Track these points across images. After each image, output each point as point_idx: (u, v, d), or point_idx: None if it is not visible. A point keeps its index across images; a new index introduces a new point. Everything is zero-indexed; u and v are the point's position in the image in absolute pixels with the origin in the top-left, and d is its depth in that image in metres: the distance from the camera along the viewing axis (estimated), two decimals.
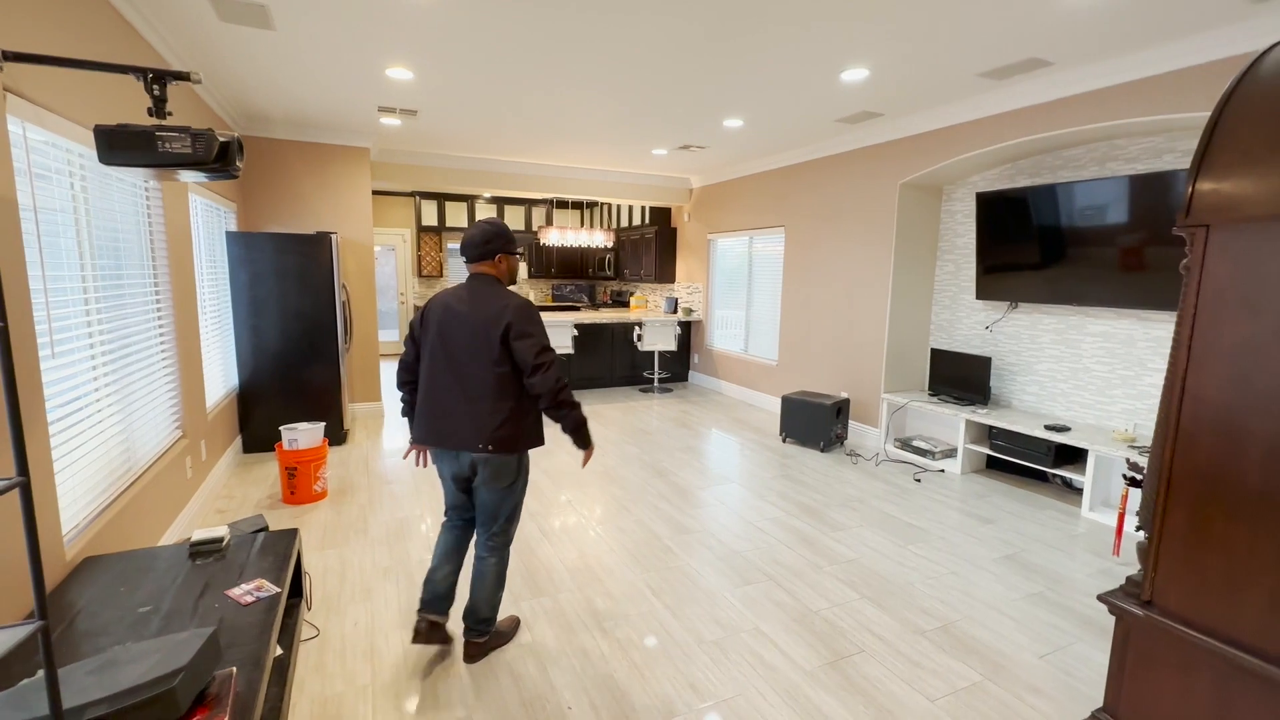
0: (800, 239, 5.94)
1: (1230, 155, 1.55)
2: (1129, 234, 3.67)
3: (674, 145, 5.74)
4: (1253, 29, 2.81)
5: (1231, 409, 1.55)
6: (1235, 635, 1.57)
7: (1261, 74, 1.57)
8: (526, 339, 2.01)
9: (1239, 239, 1.53)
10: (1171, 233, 1.68)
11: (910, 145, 4.72)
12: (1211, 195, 1.58)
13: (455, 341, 2.06)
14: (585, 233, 7.89)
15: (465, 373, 2.05)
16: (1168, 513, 1.70)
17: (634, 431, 5.48)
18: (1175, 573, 1.69)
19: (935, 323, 5.13)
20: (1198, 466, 1.62)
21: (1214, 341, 1.58)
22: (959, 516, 3.67)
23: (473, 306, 2.06)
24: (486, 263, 2.14)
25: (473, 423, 2.04)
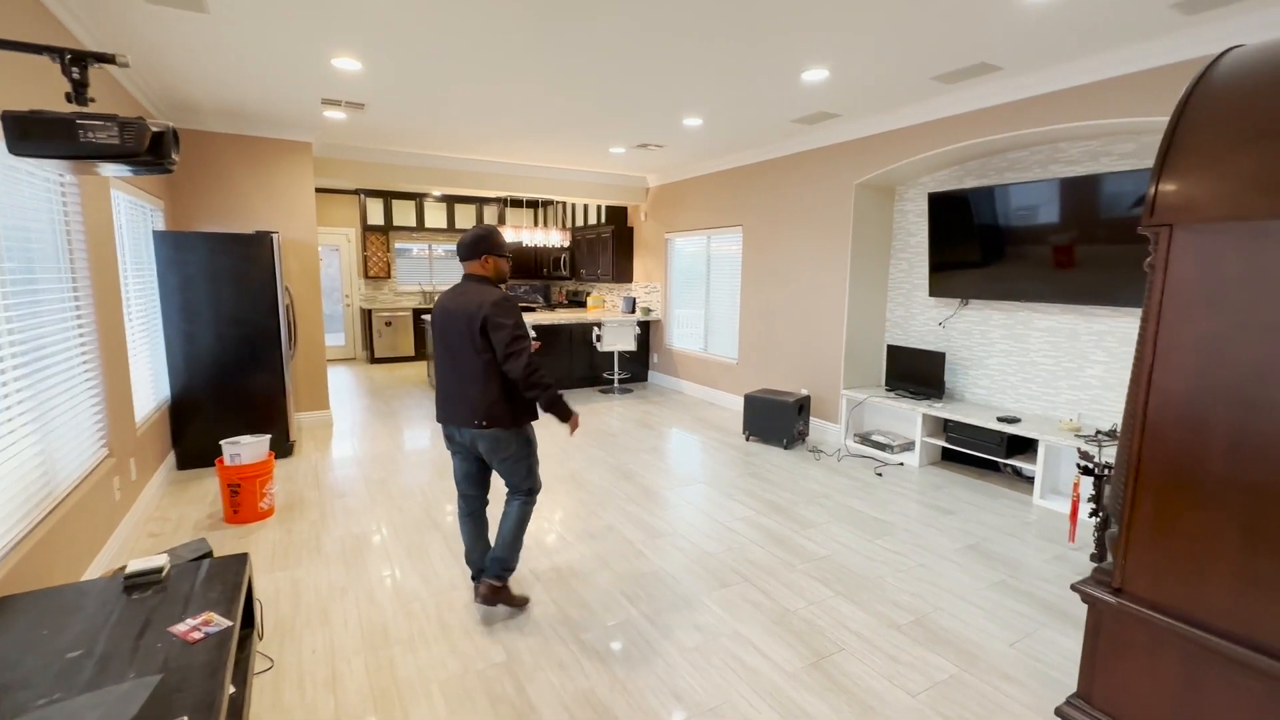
0: (758, 238, 5.99)
1: (1191, 157, 1.61)
2: (1065, 233, 3.85)
3: (632, 144, 5.68)
4: (1185, 39, 2.97)
5: (1195, 401, 1.62)
6: (1202, 617, 1.64)
7: (1217, 77, 1.64)
8: (500, 330, 2.28)
9: (1200, 238, 1.59)
10: (1106, 232, 1.72)
11: (865, 146, 4.81)
12: (1174, 196, 1.64)
13: (450, 333, 2.37)
14: (540, 232, 7.74)
15: (459, 360, 2.35)
16: (1136, 503, 1.75)
17: (597, 434, 5.40)
18: (1144, 560, 1.75)
19: (890, 319, 5.26)
20: (1164, 457, 1.68)
21: (1178, 337, 1.64)
22: (921, 509, 3.76)
23: (461, 302, 2.35)
24: (475, 263, 2.43)
25: (467, 404, 2.35)
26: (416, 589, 2.75)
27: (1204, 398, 1.60)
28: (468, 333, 2.31)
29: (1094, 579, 1.89)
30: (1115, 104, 3.35)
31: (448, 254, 10.02)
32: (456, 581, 2.81)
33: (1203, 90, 1.64)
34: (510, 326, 2.27)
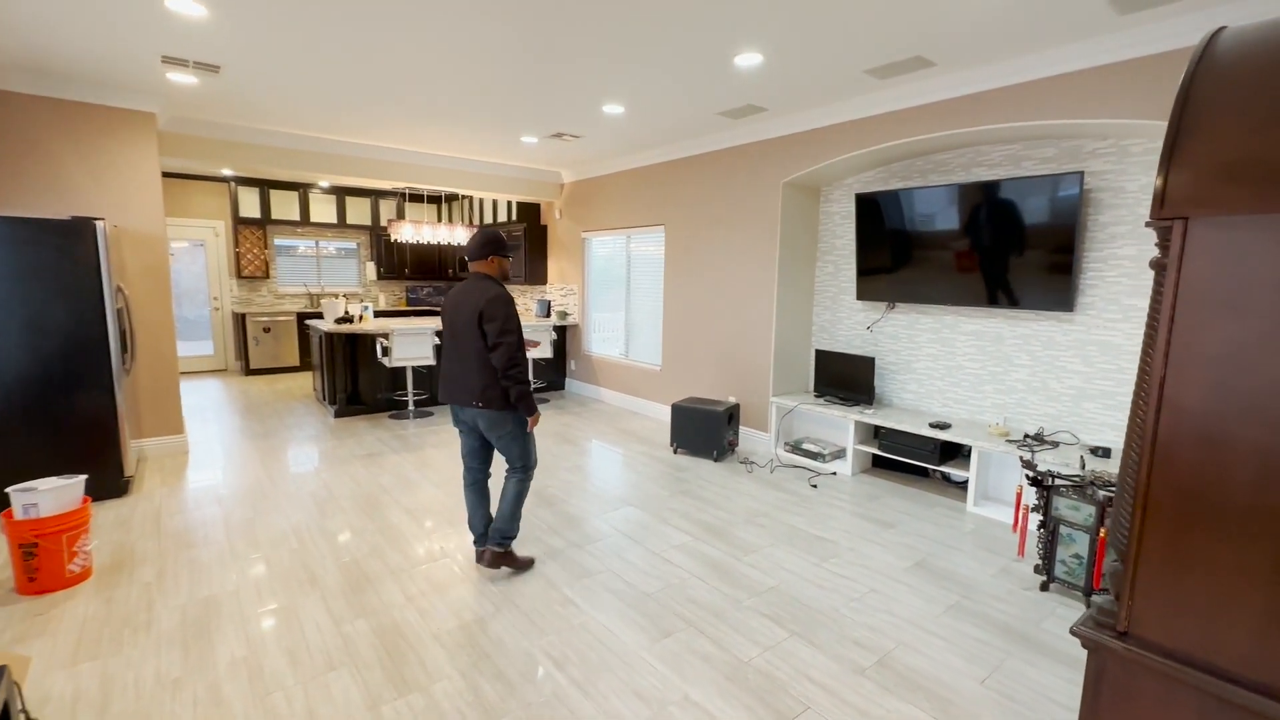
0: (681, 238, 5.70)
1: (1206, 142, 1.42)
2: (986, 237, 3.82)
3: (546, 133, 5.21)
4: (1119, 40, 2.95)
5: (1215, 417, 1.42)
6: (1222, 665, 1.45)
7: (1223, 57, 1.45)
8: (492, 322, 2.59)
9: (1221, 233, 1.39)
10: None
11: (793, 143, 4.63)
12: (1188, 185, 1.43)
13: (456, 323, 2.68)
14: (445, 229, 7.06)
15: (462, 347, 2.67)
16: (1145, 534, 1.55)
17: None
18: (1155, 600, 1.54)
19: (817, 324, 5.13)
20: (1178, 482, 1.48)
21: (1194, 345, 1.44)
22: (862, 523, 3.57)
23: (466, 297, 2.67)
24: (482, 262, 2.73)
25: (466, 385, 2.67)
26: (280, 674, 2.15)
27: (1225, 415, 1.40)
28: (470, 324, 2.62)
29: (1094, 620, 1.67)
30: (1045, 106, 3.32)
31: (340, 252, 9.03)
32: (335, 657, 2.24)
33: (1209, 70, 1.45)
34: (500, 320, 2.58)
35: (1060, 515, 2.75)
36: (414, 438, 5.20)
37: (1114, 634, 1.59)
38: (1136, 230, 3.39)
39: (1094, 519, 2.63)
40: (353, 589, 2.72)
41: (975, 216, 3.90)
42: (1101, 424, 3.60)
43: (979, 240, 3.90)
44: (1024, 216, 3.68)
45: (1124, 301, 3.47)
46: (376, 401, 6.08)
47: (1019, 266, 3.74)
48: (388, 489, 3.96)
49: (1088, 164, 3.53)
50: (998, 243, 3.81)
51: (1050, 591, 2.82)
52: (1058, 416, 3.78)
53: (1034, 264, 3.68)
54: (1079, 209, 3.45)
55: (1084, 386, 3.65)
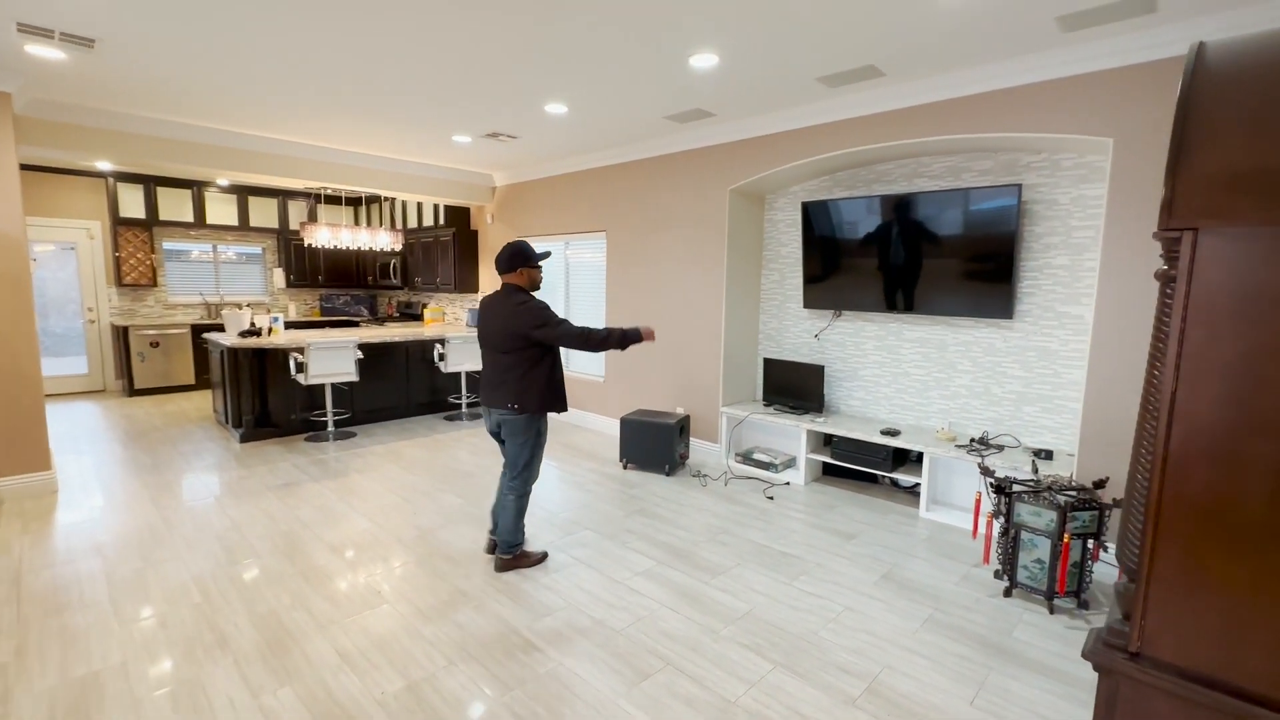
0: (624, 245, 5.53)
1: (1215, 152, 1.39)
2: (930, 245, 3.90)
3: (481, 132, 4.89)
4: (1061, 57, 3.05)
5: (1229, 433, 1.39)
6: (1240, 684, 1.42)
7: (1219, 69, 1.44)
8: (543, 329, 2.76)
9: (1234, 244, 1.37)
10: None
11: (740, 150, 4.58)
12: (1199, 195, 1.40)
13: (488, 333, 2.86)
14: (365, 233, 6.53)
15: (495, 355, 2.85)
16: (1157, 553, 1.51)
17: (449, 475, 4.50)
18: (1169, 619, 1.50)
19: (764, 332, 5.10)
20: (1191, 498, 1.45)
21: (1207, 358, 1.41)
22: (823, 535, 3.51)
23: (496, 308, 2.84)
24: (512, 275, 2.88)
25: (499, 390, 2.83)
26: None
27: (1238, 428, 1.38)
28: (502, 334, 2.81)
29: (1104, 642, 1.63)
30: (988, 119, 3.40)
31: (242, 258, 8.20)
32: None
33: (1207, 81, 1.43)
34: (550, 324, 2.78)
35: (1022, 521, 2.78)
36: (336, 462, 4.71)
37: (1126, 655, 1.54)
38: (1068, 241, 3.54)
39: (1055, 524, 2.67)
40: (273, 650, 2.33)
41: (919, 226, 3.97)
42: (1041, 427, 3.73)
43: (923, 249, 3.97)
44: (966, 227, 3.77)
45: (1058, 309, 3.62)
46: (290, 423, 5.49)
47: (961, 275, 3.84)
48: (309, 524, 3.52)
49: (1023, 177, 3.67)
50: (941, 252, 3.90)
51: (1013, 597, 2.85)
52: (999, 420, 3.89)
53: (975, 273, 3.78)
54: (1017, 220, 3.57)
55: (1024, 391, 3.78)
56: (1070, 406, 3.61)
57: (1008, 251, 3.62)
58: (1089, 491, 2.78)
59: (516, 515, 2.98)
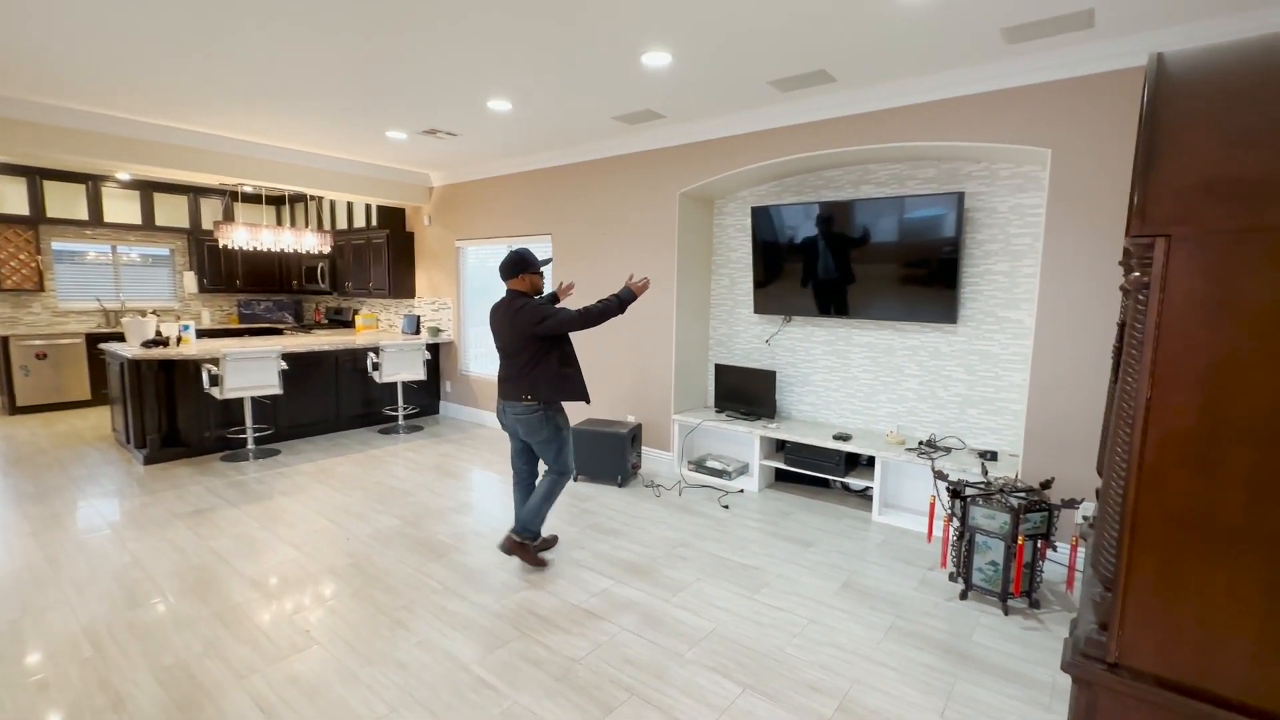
0: (571, 248, 5.36)
1: (1185, 158, 1.39)
2: (881, 252, 3.95)
3: (418, 128, 4.61)
4: (1006, 68, 3.13)
5: (1205, 440, 1.39)
6: (1218, 691, 1.42)
7: (1182, 76, 1.45)
8: (543, 323, 2.92)
9: (1206, 251, 1.37)
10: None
11: (690, 153, 4.51)
12: (1170, 201, 1.40)
13: (499, 338, 3.06)
14: (289, 233, 6.07)
15: (506, 355, 3.05)
16: (1134, 562, 1.49)
17: (385, 492, 4.19)
18: (1146, 629, 1.49)
19: (714, 338, 5.05)
20: (1168, 507, 1.44)
21: (1182, 365, 1.41)
22: (781, 544, 3.46)
23: (503, 314, 3.03)
24: (515, 280, 3.06)
25: (513, 385, 3.01)
26: None
27: (1216, 435, 1.37)
28: (509, 335, 2.98)
29: (1082, 654, 1.61)
30: (934, 128, 3.46)
31: (147, 260, 7.48)
32: None
33: (1173, 90, 1.43)
34: (549, 317, 2.92)
35: (976, 524, 2.81)
36: (257, 484, 4.30)
37: (1104, 666, 1.52)
38: (1008, 248, 3.65)
39: (1009, 526, 2.70)
40: (181, 710, 2.03)
41: (867, 232, 4.01)
42: (984, 428, 3.83)
43: (871, 255, 4.01)
44: (912, 234, 3.83)
45: (999, 314, 3.72)
46: (203, 442, 5.00)
47: (907, 281, 3.90)
48: (226, 556, 3.16)
49: (964, 185, 3.76)
50: (888, 258, 3.95)
51: (969, 600, 2.87)
52: (945, 423, 3.97)
53: (921, 279, 3.85)
54: (960, 227, 3.65)
55: (968, 394, 3.87)
56: (1011, 408, 3.72)
57: (951, 258, 3.70)
58: (1037, 493, 2.84)
59: (546, 498, 3.06)
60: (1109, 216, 2.98)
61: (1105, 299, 3.03)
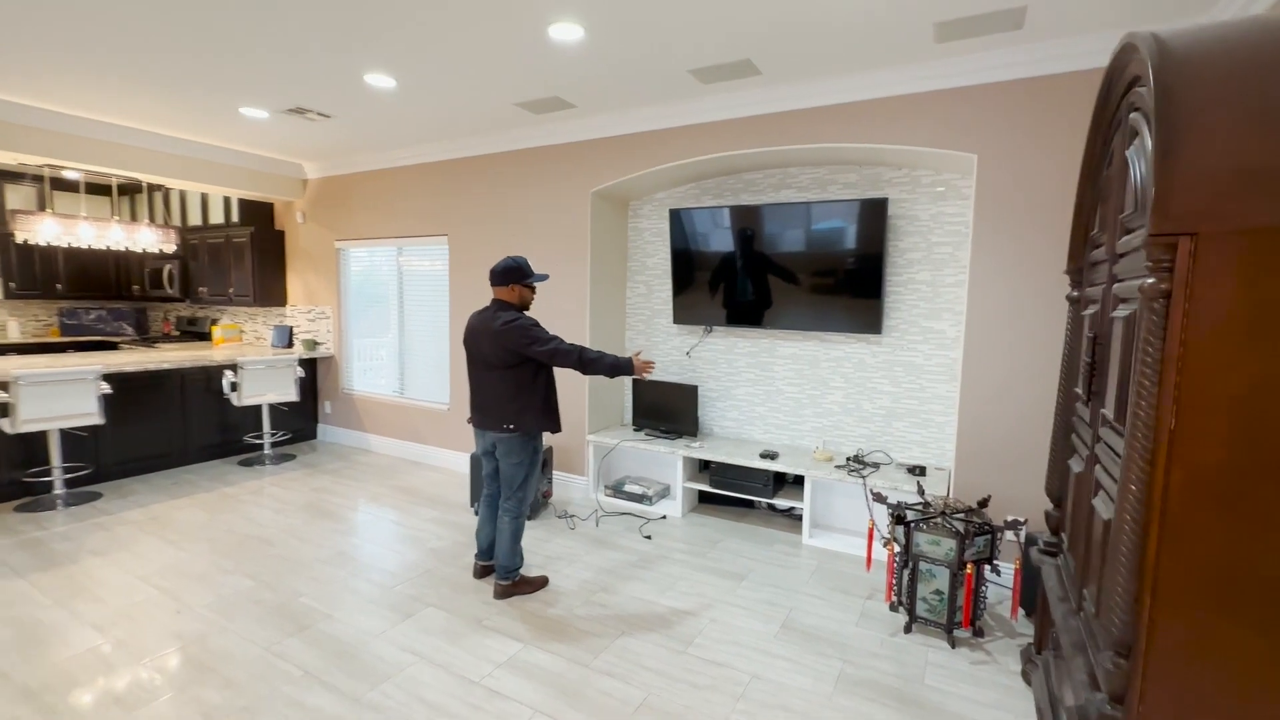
0: (471, 252, 4.80)
1: (1212, 146, 1.16)
2: (804, 259, 3.77)
3: (281, 105, 3.90)
4: (936, 69, 3.00)
5: (1239, 477, 1.17)
6: None
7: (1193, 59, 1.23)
8: (533, 346, 2.68)
9: (1244, 251, 1.15)
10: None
11: (604, 149, 4.12)
12: (1197, 197, 1.16)
13: (476, 348, 2.82)
14: (118, 228, 5.02)
15: (484, 371, 2.80)
16: (1156, 623, 1.25)
17: (237, 543, 3.43)
18: (1167, 700, 1.25)
19: (630, 349, 4.68)
20: (1198, 559, 1.20)
21: (1212, 388, 1.18)
22: (712, 579, 3.13)
23: (483, 325, 2.78)
24: (504, 289, 2.83)
25: (496, 412, 2.76)
26: None
27: (1253, 472, 1.16)
28: (490, 350, 2.73)
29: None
30: (859, 129, 3.30)
31: None
32: None
33: (1188, 73, 1.21)
34: (539, 342, 2.67)
35: (921, 551, 2.61)
36: (61, 542, 3.39)
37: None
38: (930, 256, 3.57)
39: (954, 553, 2.51)
40: None
41: (790, 238, 3.81)
42: (910, 441, 3.72)
43: (796, 262, 3.81)
44: (836, 239, 3.67)
45: (922, 324, 3.63)
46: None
47: (832, 290, 3.73)
48: (2, 647, 2.36)
49: (885, 192, 3.65)
50: (814, 265, 3.76)
51: (913, 633, 2.66)
52: (871, 437, 3.83)
53: (845, 287, 3.69)
54: (884, 234, 3.52)
55: (893, 406, 3.75)
56: (936, 420, 3.62)
57: (877, 265, 3.57)
58: (978, 513, 2.69)
59: (513, 538, 2.86)
60: (1038, 225, 2.92)
61: (1036, 308, 2.96)
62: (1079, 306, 2.15)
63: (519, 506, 2.86)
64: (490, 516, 3.01)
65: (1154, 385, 1.21)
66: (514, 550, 2.88)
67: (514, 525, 2.86)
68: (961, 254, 3.48)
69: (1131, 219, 1.50)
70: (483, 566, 3.06)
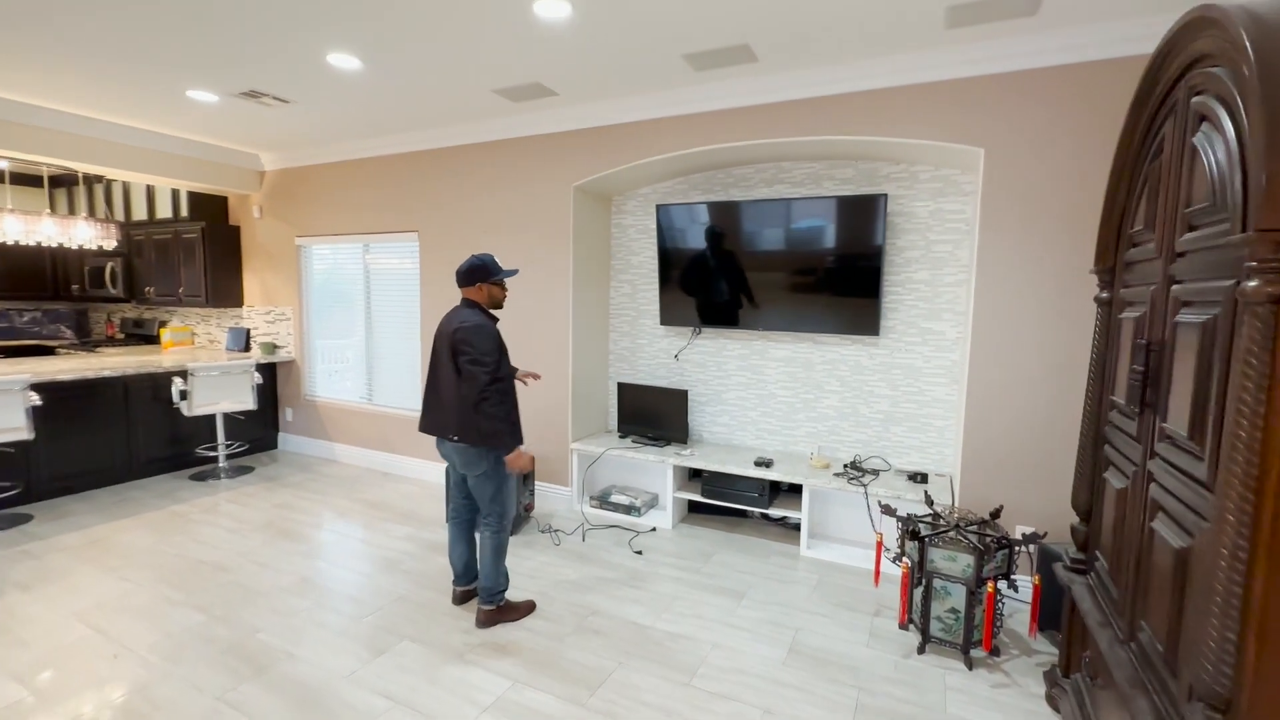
0: (443, 250, 4.52)
1: None
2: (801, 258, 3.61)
3: (233, 88, 3.56)
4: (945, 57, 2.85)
5: None
6: None
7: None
8: (463, 354, 2.47)
9: None
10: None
11: (587, 140, 3.89)
12: None
13: (436, 350, 2.63)
14: (53, 222, 4.58)
15: (439, 376, 2.61)
16: (1261, 673, 1.10)
17: (187, 571, 3.11)
18: None
19: (615, 352, 4.46)
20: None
21: None
22: (710, 598, 2.93)
23: (447, 324, 2.59)
24: (471, 289, 2.63)
25: (442, 418, 2.57)
26: None
27: None
28: (446, 350, 2.55)
29: None
30: (861, 120, 3.14)
31: None
32: None
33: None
34: (472, 352, 2.45)
35: (935, 568, 2.46)
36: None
37: None
38: (929, 255, 3.44)
39: (972, 570, 2.37)
40: None
41: (784, 235, 3.64)
42: (908, 447, 3.59)
43: (789, 261, 3.65)
44: (832, 237, 3.52)
45: (921, 325, 3.50)
46: None
47: (828, 289, 3.57)
48: None
49: (883, 188, 3.51)
50: (808, 264, 3.60)
51: (927, 654, 2.52)
52: (868, 442, 3.70)
53: (842, 287, 3.54)
54: (884, 232, 3.38)
55: (891, 410, 3.62)
56: (935, 424, 3.50)
57: (874, 265, 3.43)
58: (993, 526, 2.55)
59: (494, 556, 2.63)
60: (1049, 222, 2.80)
61: (1047, 309, 2.84)
62: (1111, 309, 2.02)
63: (498, 521, 2.62)
64: (460, 535, 2.77)
65: (1259, 403, 1.06)
66: (497, 570, 2.64)
67: (495, 541, 2.62)
68: (961, 252, 3.36)
69: (1203, 214, 1.35)
70: (462, 592, 2.82)
